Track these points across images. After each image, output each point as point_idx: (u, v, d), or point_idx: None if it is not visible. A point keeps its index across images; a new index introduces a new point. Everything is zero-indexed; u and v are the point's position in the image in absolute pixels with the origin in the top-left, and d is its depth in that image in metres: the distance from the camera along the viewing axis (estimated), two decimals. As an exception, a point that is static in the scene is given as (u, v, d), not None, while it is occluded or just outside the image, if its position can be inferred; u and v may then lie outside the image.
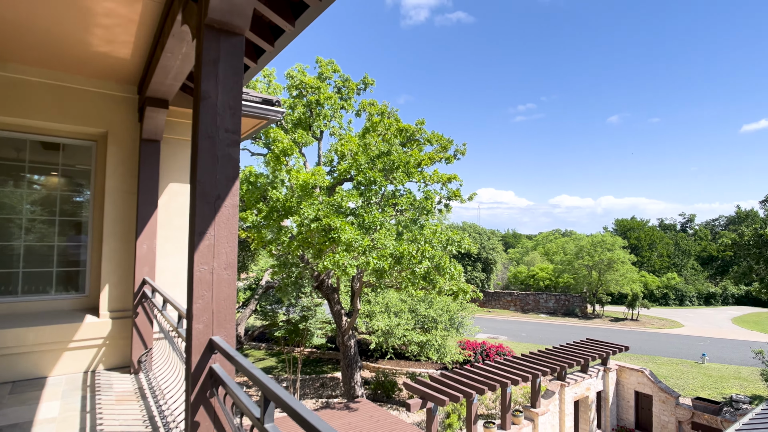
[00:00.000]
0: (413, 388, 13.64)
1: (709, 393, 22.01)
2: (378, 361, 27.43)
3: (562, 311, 51.17)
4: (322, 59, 18.69)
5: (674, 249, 69.09)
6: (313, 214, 13.31)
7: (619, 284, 46.46)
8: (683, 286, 59.45)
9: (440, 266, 14.20)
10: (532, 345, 31.89)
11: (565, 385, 15.97)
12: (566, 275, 52.12)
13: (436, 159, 18.36)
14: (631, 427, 17.36)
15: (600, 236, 50.39)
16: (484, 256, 54.63)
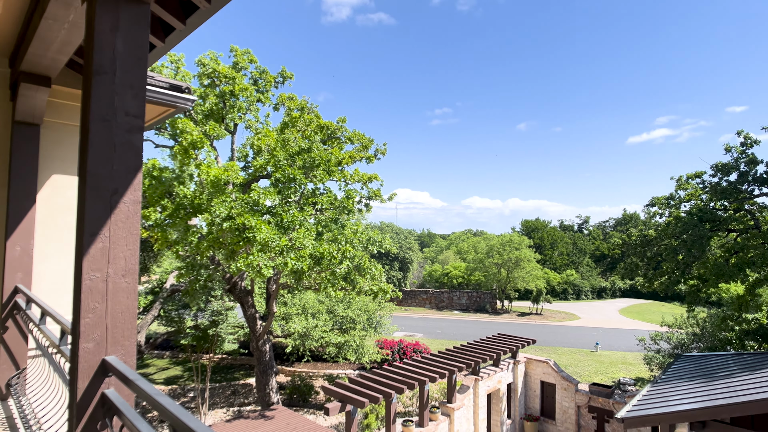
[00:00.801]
0: (332, 391, 13.33)
1: (602, 378, 24.39)
2: (294, 365, 26.68)
3: (474, 307, 53.81)
4: (238, 48, 17.69)
5: (572, 248, 76.12)
6: (225, 212, 12.46)
7: (525, 281, 49.96)
8: (580, 282, 65.74)
9: (361, 267, 14.06)
10: (447, 341, 33.06)
11: (479, 380, 16.61)
12: (478, 273, 54.87)
13: (357, 158, 18.21)
14: (537, 414, 18.58)
15: (508, 236, 53.83)
16: (401, 256, 55.75)
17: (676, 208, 20.39)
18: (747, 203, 18.75)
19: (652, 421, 11.10)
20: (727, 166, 18.52)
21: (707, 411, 10.38)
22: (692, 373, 13.90)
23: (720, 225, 18.85)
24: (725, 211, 19.03)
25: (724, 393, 10.87)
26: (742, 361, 13.78)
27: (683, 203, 20.26)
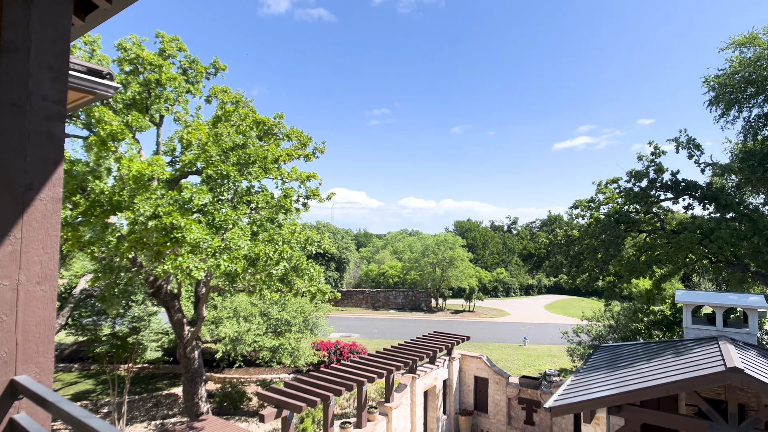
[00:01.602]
0: (267, 396, 12.86)
1: (530, 371, 25.76)
2: (225, 371, 25.54)
3: (410, 306, 54.69)
4: (165, 34, 16.57)
5: (502, 247, 79.92)
6: (150, 210, 11.60)
7: (459, 279, 51.63)
8: (509, 280, 69.21)
9: (298, 267, 13.71)
10: (383, 341, 33.29)
11: (416, 378, 16.83)
12: (413, 272, 55.86)
13: (294, 156, 17.77)
14: (471, 408, 19.19)
15: (443, 236, 55.34)
16: (338, 256, 55.39)
17: (596, 210, 22.02)
18: (655, 207, 20.68)
19: (575, 408, 11.82)
20: (640, 173, 20.32)
21: (621, 396, 11.23)
22: (608, 362, 15.01)
23: (633, 226, 20.63)
24: (637, 213, 20.85)
25: (635, 379, 11.83)
26: (650, 349, 15.10)
27: (602, 206, 21.93)
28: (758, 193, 20.39)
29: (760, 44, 17.72)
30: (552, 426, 17.16)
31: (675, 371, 11.38)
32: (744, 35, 18.28)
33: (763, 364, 11.41)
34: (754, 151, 18.00)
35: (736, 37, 18.51)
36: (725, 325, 14.67)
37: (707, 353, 12.13)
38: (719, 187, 20.44)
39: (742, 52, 18.35)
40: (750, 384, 9.89)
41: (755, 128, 18.43)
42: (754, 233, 16.94)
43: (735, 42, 18.58)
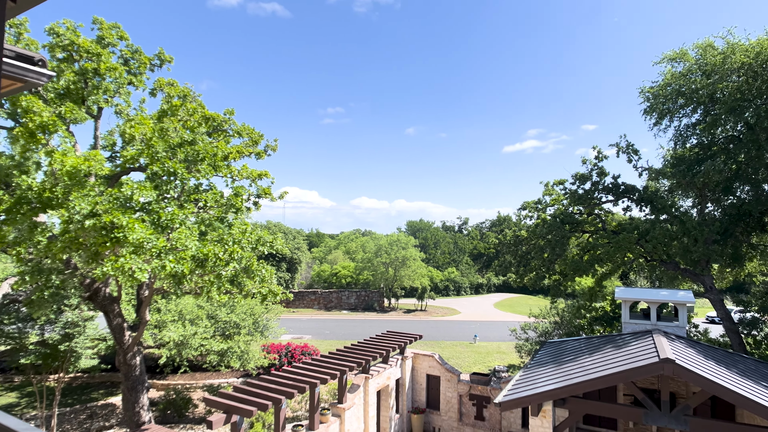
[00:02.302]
0: (215, 402, 12.36)
1: (480, 367, 26.41)
2: (169, 378, 24.37)
3: (363, 306, 54.62)
4: (104, 21, 15.55)
5: (453, 247, 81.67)
6: (88, 208, 10.82)
7: (411, 279, 52.18)
8: (460, 279, 70.81)
9: (249, 268, 13.28)
10: (336, 341, 33.01)
11: (369, 378, 16.77)
12: (366, 272, 55.85)
13: (245, 153, 17.20)
14: (424, 407, 19.37)
15: (396, 236, 55.74)
16: (290, 256, 54.40)
17: (543, 211, 22.91)
18: (597, 208, 21.80)
19: (523, 402, 12.20)
20: (584, 176, 21.36)
21: (566, 389, 11.71)
22: (554, 357, 15.63)
23: (577, 227, 21.63)
24: (581, 214, 21.89)
25: (578, 373, 12.38)
26: (592, 343, 15.88)
27: (549, 207, 22.84)
28: (687, 196, 22.02)
29: (689, 60, 19.15)
30: (501, 420, 17.65)
31: (614, 364, 12.01)
32: (675, 51, 19.69)
33: (692, 355, 12.27)
34: (683, 157, 19.42)
35: (668, 53, 19.90)
36: (658, 319, 15.68)
37: (643, 346, 12.89)
38: (654, 190, 21.88)
39: (674, 66, 19.75)
40: (680, 373, 10.59)
41: (685, 136, 19.89)
42: (684, 234, 18.25)
43: (667, 57, 19.97)
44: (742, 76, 17.20)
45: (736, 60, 17.16)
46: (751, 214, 19.57)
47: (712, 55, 18.22)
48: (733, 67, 17.26)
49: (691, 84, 18.29)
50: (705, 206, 20.67)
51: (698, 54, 19.04)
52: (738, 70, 17.28)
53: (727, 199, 20.34)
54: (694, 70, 18.78)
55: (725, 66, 17.41)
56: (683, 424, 11.04)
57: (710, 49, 18.66)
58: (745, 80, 16.94)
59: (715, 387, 10.23)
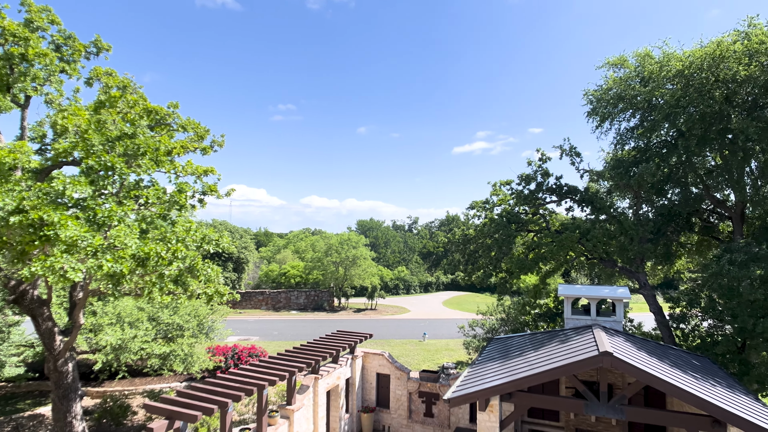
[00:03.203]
0: (156, 408, 11.73)
1: (429, 365, 26.81)
2: (105, 384, 22.92)
3: (312, 306, 53.97)
4: (33, 3, 14.34)
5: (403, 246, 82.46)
6: (13, 203, 9.94)
7: (361, 278, 52.14)
8: (410, 277, 71.63)
9: (194, 267, 12.70)
10: (285, 342, 32.39)
11: (318, 378, 16.57)
12: (316, 272, 55.21)
13: (190, 148, 16.45)
14: (373, 405, 19.39)
15: (347, 235, 55.47)
16: (236, 256, 52.81)
17: (491, 211, 23.58)
18: (541, 208, 22.74)
19: (471, 398, 12.47)
20: (529, 176, 22.19)
21: (512, 384, 12.09)
22: (501, 353, 16.12)
23: (523, 226, 22.45)
24: (526, 214, 22.74)
25: (524, 368, 12.83)
26: (536, 339, 16.52)
27: (496, 207, 23.55)
28: (624, 197, 23.45)
29: (629, 66, 20.39)
30: (450, 416, 18.00)
31: (558, 358, 12.54)
32: (616, 57, 20.90)
33: (628, 348, 13.04)
34: (622, 160, 20.66)
35: (610, 58, 21.11)
36: (598, 315, 16.56)
37: (584, 340, 13.55)
38: (594, 191, 23.14)
39: (615, 72, 20.96)
40: (617, 365, 11.22)
41: (624, 140, 21.16)
42: (621, 233, 19.42)
43: (609, 62, 21.16)
44: (677, 84, 18.51)
45: (671, 69, 18.44)
46: (681, 215, 21.16)
47: (650, 64, 19.48)
48: (669, 75, 18.54)
49: (631, 90, 19.46)
50: (640, 207, 22.10)
51: (637, 61, 20.30)
52: (673, 78, 18.58)
53: (659, 200, 21.87)
54: (633, 76, 19.99)
55: (661, 74, 18.66)
56: (620, 413, 11.72)
57: (648, 57, 19.95)
58: (679, 88, 18.23)
59: (649, 377, 10.93)
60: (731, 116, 17.67)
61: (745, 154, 18.01)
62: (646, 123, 19.36)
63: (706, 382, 12.37)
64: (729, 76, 17.09)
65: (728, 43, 17.93)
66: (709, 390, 11.56)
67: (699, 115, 17.41)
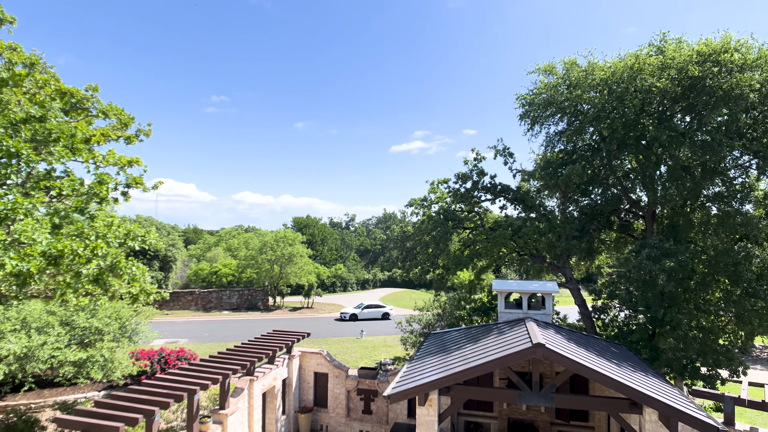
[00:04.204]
0: (69, 421, 10.64)
1: (367, 362, 26.76)
2: (7, 398, 20.54)
3: (246, 306, 52.08)
4: None
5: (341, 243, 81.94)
6: None
7: (298, 276, 51.05)
8: (347, 275, 71.30)
9: (116, 266, 11.66)
10: (217, 344, 30.93)
11: (254, 380, 15.93)
12: (249, 270, 53.32)
13: (112, 137, 15.10)
14: (311, 405, 19.00)
15: (282, 232, 54.01)
16: (163, 254, 49.69)
17: (429, 208, 23.97)
18: (477, 206, 23.47)
19: (411, 393, 12.53)
20: (465, 175, 22.83)
21: (450, 378, 12.30)
22: (438, 347, 16.40)
23: (459, 224, 23.06)
24: (462, 212, 23.37)
25: (461, 361, 13.11)
26: (472, 333, 16.99)
27: (434, 204, 23.97)
28: (552, 196, 24.84)
29: (557, 73, 21.57)
30: (388, 412, 18.05)
31: (493, 351, 12.93)
32: (546, 64, 22.04)
33: (558, 339, 13.75)
34: (551, 161, 21.83)
35: (541, 65, 22.21)
36: (529, 308, 17.35)
37: (517, 333, 14.10)
38: (525, 190, 24.28)
39: (546, 77, 22.08)
40: (549, 356, 11.77)
41: (553, 142, 22.38)
42: (550, 231, 20.51)
43: (539, 68, 22.25)
44: (600, 92, 19.84)
45: (595, 78, 19.74)
46: (602, 214, 22.76)
47: (576, 72, 20.73)
48: (593, 83, 19.83)
49: (559, 95, 20.59)
50: (567, 206, 23.50)
51: (564, 69, 21.52)
52: (596, 86, 19.89)
53: (584, 200, 23.40)
54: (561, 83, 21.16)
55: (586, 82, 19.93)
56: (550, 400, 12.31)
57: (574, 65, 21.22)
58: (602, 96, 19.57)
59: (578, 366, 11.56)
60: (646, 124, 19.26)
61: (657, 159, 19.68)
62: (573, 127, 20.59)
63: (625, 368, 13.33)
64: (645, 87, 18.57)
65: (644, 56, 19.49)
66: (628, 375, 12.46)
67: (619, 121, 18.78)
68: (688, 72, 17.99)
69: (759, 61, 17.59)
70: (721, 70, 17.79)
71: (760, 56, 17.74)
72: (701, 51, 18.36)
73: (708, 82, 17.75)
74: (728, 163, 19.75)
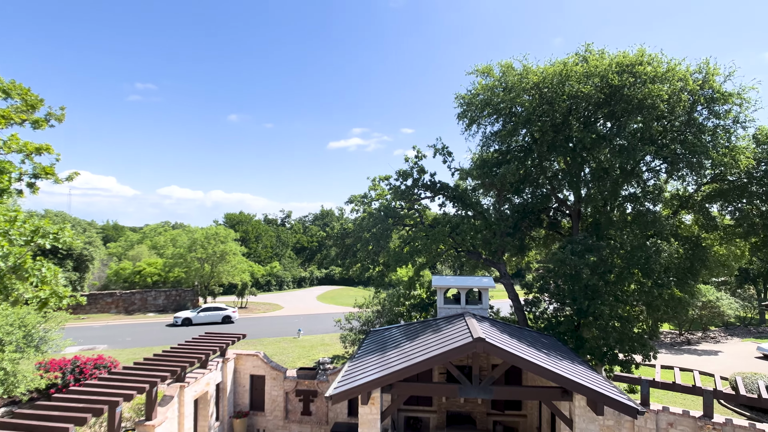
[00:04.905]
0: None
1: (305, 362, 26.16)
2: None
3: (173, 307, 49.10)
4: None
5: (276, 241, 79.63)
6: None
7: (231, 275, 48.91)
8: (283, 273, 69.47)
9: (21, 267, 10.35)
10: (141, 350, 28.75)
11: (185, 386, 14.92)
12: (178, 269, 50.29)
13: (15, 120, 13.35)
14: (247, 409, 18.17)
15: (214, 229, 51.42)
16: (77, 252, 45.46)
17: (369, 205, 23.85)
18: (417, 204, 23.71)
19: (354, 393, 12.31)
20: (406, 172, 22.97)
21: (393, 375, 12.22)
22: (379, 345, 16.31)
23: (399, 220, 23.17)
24: (402, 209, 23.51)
25: (404, 358, 13.09)
26: (413, 329, 17.08)
27: (374, 201, 23.90)
28: (488, 195, 25.69)
29: (494, 76, 22.29)
30: (328, 412, 17.72)
31: (436, 346, 13.04)
32: (484, 65, 22.70)
33: (496, 333, 14.15)
34: (487, 160, 22.53)
35: (479, 66, 22.84)
36: (467, 303, 17.75)
37: (458, 328, 14.34)
38: (463, 189, 24.89)
39: (483, 79, 22.72)
40: (489, 350, 12.05)
41: (489, 142, 23.12)
42: (486, 228, 21.19)
43: (477, 70, 22.88)
44: (533, 95, 20.76)
45: (529, 82, 20.62)
46: (533, 212, 23.88)
47: (512, 75, 21.53)
48: (526, 87, 20.71)
49: (495, 97, 21.29)
50: (502, 204, 24.41)
51: (501, 71, 22.28)
52: (530, 90, 20.78)
53: (517, 198, 24.44)
54: (497, 85, 21.89)
55: (521, 85, 20.77)
56: (489, 393, 12.63)
57: (510, 69, 22.03)
58: (534, 99, 20.48)
59: (516, 358, 11.95)
60: (573, 127, 20.45)
61: (582, 160, 20.98)
62: (508, 128, 21.38)
63: (557, 358, 14.01)
64: (572, 92, 19.69)
65: (571, 64, 20.66)
66: (560, 365, 13.09)
67: (549, 124, 19.76)
68: (609, 80, 19.29)
69: (667, 74, 19.25)
70: (636, 81, 19.26)
71: (669, 70, 19.42)
72: (620, 62, 19.78)
73: (626, 91, 19.15)
74: (642, 167, 21.46)
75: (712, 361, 28.96)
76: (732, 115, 19.48)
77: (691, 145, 18.77)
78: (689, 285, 20.38)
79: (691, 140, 18.91)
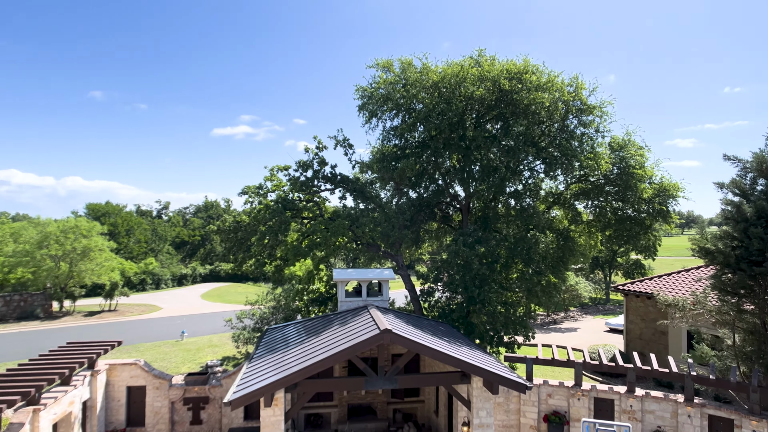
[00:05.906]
0: None
1: (191, 366, 23.96)
2: None
3: (16, 315, 41.61)
4: None
5: (152, 235, 71.75)
6: None
7: (96, 274, 42.92)
8: (160, 270, 62.80)
9: None
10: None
11: (39, 410, 12.52)
12: (21, 269, 42.67)
13: None
14: (123, 427, 16.01)
15: (73, 221, 44.59)
16: None
17: (265, 197, 22.63)
18: (316, 196, 23.11)
19: (256, 396, 11.53)
20: (306, 163, 22.21)
21: (298, 374, 11.69)
22: (279, 342, 15.56)
23: (297, 213, 22.35)
24: (301, 201, 22.74)
25: (309, 355, 12.62)
26: (315, 324, 16.60)
27: (270, 193, 22.72)
28: (386, 188, 26.07)
29: (394, 71, 22.60)
30: (221, 419, 16.47)
31: (343, 340, 12.78)
32: (385, 60, 22.88)
33: (399, 323, 14.35)
34: (386, 154, 22.80)
35: (379, 60, 22.95)
36: (368, 295, 17.79)
37: (363, 321, 14.25)
38: (364, 182, 24.89)
39: (384, 74, 22.89)
40: (396, 340, 12.14)
41: (389, 136, 23.40)
42: (385, 220, 21.44)
43: (378, 64, 22.99)
44: (431, 93, 21.48)
45: (428, 80, 21.27)
46: (428, 206, 24.81)
47: (412, 72, 22.03)
48: (426, 85, 21.34)
49: (396, 92, 21.60)
50: (400, 197, 24.93)
51: (401, 68, 22.67)
52: (428, 88, 21.46)
53: (413, 192, 25.19)
54: (398, 80, 22.22)
55: (421, 83, 21.35)
56: (394, 382, 12.79)
57: (410, 66, 22.52)
58: (432, 97, 21.21)
59: (421, 347, 12.23)
60: (467, 126, 21.62)
61: (474, 158, 22.33)
62: (406, 123, 21.89)
63: (455, 344, 14.70)
64: (468, 93, 20.82)
65: (468, 66, 21.84)
66: (460, 350, 13.75)
67: (446, 122, 20.66)
68: (500, 85, 20.78)
69: (548, 84, 21.38)
70: (523, 88, 21.04)
71: (549, 80, 21.58)
72: (509, 69, 21.44)
73: (514, 96, 20.81)
74: (524, 166, 23.59)
75: (573, 337, 33.18)
76: (595, 125, 22.33)
77: (564, 149, 21.07)
78: (561, 272, 22.96)
79: (564, 144, 21.23)
